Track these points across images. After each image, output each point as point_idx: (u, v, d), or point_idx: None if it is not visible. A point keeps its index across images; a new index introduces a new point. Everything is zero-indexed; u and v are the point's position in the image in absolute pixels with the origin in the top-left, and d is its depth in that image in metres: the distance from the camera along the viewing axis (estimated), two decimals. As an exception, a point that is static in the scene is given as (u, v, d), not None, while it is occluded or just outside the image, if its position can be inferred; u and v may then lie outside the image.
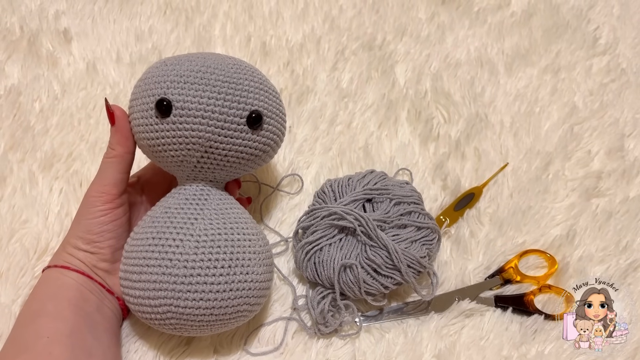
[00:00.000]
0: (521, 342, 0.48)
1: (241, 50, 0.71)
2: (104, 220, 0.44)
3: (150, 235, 0.43)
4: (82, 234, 0.44)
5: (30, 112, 0.62)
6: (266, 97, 0.46)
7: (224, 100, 0.42)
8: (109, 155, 0.46)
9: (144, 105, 0.43)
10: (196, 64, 0.43)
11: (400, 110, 0.67)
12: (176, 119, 0.42)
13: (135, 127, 0.45)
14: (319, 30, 0.74)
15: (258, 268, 0.44)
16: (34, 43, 0.68)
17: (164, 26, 0.73)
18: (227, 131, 0.43)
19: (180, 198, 0.45)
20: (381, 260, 0.47)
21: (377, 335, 0.49)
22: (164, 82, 0.43)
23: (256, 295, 0.44)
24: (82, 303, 0.42)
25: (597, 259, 0.54)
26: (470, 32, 0.76)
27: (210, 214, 0.44)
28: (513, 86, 0.70)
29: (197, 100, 0.42)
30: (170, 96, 0.42)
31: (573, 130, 0.65)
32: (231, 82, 0.43)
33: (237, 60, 0.46)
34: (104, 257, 0.45)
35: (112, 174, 0.45)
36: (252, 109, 0.44)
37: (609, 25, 0.78)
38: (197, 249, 0.41)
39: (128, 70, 0.68)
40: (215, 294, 0.41)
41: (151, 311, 0.42)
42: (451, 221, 0.57)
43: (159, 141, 0.43)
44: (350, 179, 0.55)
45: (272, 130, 0.46)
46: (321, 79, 0.70)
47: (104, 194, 0.44)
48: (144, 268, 0.42)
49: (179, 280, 0.41)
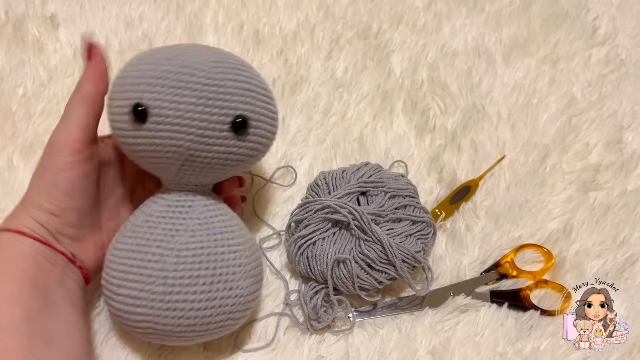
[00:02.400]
0: (517, 338, 0.48)
1: (233, 39, 0.70)
2: (71, 175, 0.39)
3: (130, 247, 0.40)
4: (46, 190, 0.39)
5: (12, 97, 0.61)
6: (253, 97, 0.42)
7: (205, 106, 0.39)
8: (79, 92, 0.40)
9: (119, 108, 0.40)
10: (174, 64, 0.39)
11: (396, 101, 0.66)
12: (153, 127, 0.38)
13: (113, 130, 0.42)
14: (314, 18, 0.72)
15: (242, 282, 0.42)
16: (20, 28, 0.66)
17: (155, 13, 0.71)
18: (209, 139, 0.39)
19: (162, 205, 0.42)
20: (375, 255, 0.46)
21: (371, 330, 0.48)
22: (139, 84, 0.39)
23: (240, 309, 0.42)
24: (40, 277, 0.37)
25: (594, 253, 0.53)
26: (467, 21, 0.74)
27: (192, 225, 0.41)
28: (511, 77, 0.68)
29: (174, 106, 0.38)
30: (147, 101, 0.38)
31: (571, 122, 0.64)
32: (212, 84, 0.39)
33: (221, 55, 0.42)
34: (70, 221, 0.40)
35: (80, 116, 0.40)
36: (236, 114, 0.40)
37: (609, 15, 0.76)
38: (177, 265, 0.39)
39: (117, 58, 0.66)
40: (196, 311, 0.39)
41: (132, 325, 0.40)
42: (447, 215, 0.56)
43: (136, 147, 0.40)
44: (344, 172, 0.53)
45: (260, 134, 0.43)
46: (315, 68, 0.68)
47: (71, 141, 0.39)
48: (123, 282, 0.40)
49: (158, 298, 0.39)
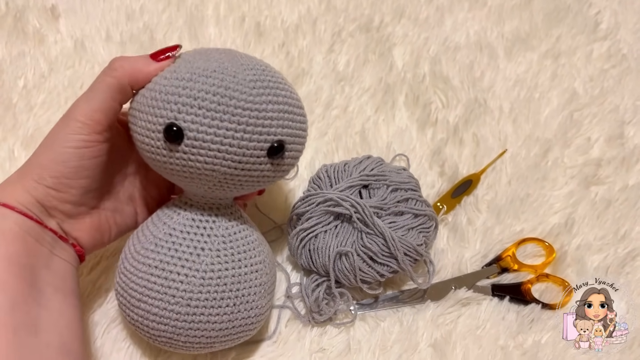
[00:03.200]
0: (518, 332, 0.48)
1: (235, 31, 0.69)
2: (84, 154, 0.37)
3: (153, 263, 0.40)
4: (53, 165, 0.37)
5: (13, 89, 0.60)
6: (290, 119, 0.40)
7: (244, 132, 0.37)
8: (115, 76, 0.38)
9: (149, 124, 0.37)
10: (212, 83, 0.36)
11: (398, 94, 0.66)
12: (188, 149, 0.37)
13: (137, 142, 0.39)
14: (315, 10, 0.72)
15: (261, 300, 0.43)
16: (20, 19, 0.66)
17: (156, 5, 0.71)
18: (245, 164, 0.38)
19: (186, 218, 0.41)
20: (377, 248, 0.46)
21: (372, 323, 0.48)
22: (174, 103, 0.36)
23: (257, 323, 0.43)
24: (25, 260, 0.34)
25: (596, 247, 0.53)
26: (469, 14, 0.74)
27: (217, 244, 0.41)
28: (513, 71, 0.68)
29: (212, 130, 0.36)
30: (182, 123, 0.36)
31: (573, 117, 0.64)
32: (253, 108, 0.37)
33: (259, 71, 0.39)
34: (70, 199, 0.38)
35: (109, 100, 0.38)
36: (274, 139, 0.38)
37: (610, 10, 0.76)
38: (202, 287, 0.39)
39: (118, 50, 0.65)
40: (217, 331, 0.40)
41: (150, 336, 0.41)
42: (448, 208, 0.56)
43: (167, 166, 0.38)
44: (346, 165, 0.53)
45: (293, 155, 0.41)
46: (317, 61, 0.68)
47: (92, 122, 0.37)
48: (144, 297, 0.39)
49: (181, 318, 0.39)
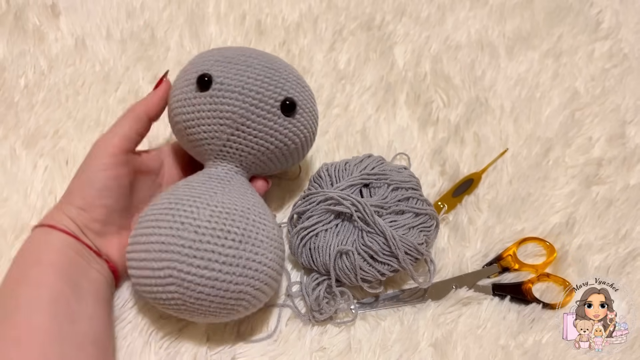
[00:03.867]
0: (518, 331, 0.48)
1: (236, 29, 0.69)
2: (106, 175, 0.43)
3: (167, 201, 0.43)
4: (80, 188, 0.43)
5: (15, 88, 0.60)
6: (303, 91, 0.47)
7: (262, 82, 0.44)
8: (132, 110, 0.46)
9: (185, 80, 0.46)
10: (242, 51, 0.47)
11: (399, 93, 0.66)
12: (214, 93, 0.44)
13: (173, 104, 0.47)
14: (316, 9, 0.72)
15: (268, 253, 0.42)
16: (20, 17, 0.66)
17: (156, 3, 0.70)
18: (261, 111, 0.44)
19: (204, 176, 0.46)
20: (378, 247, 0.46)
21: (373, 322, 0.48)
22: (208, 60, 0.46)
23: (262, 280, 0.42)
24: (67, 267, 0.40)
25: (596, 247, 0.53)
26: (471, 13, 0.74)
27: (230, 191, 0.44)
28: (514, 70, 0.68)
29: (237, 77, 0.44)
30: (213, 72, 0.45)
31: (574, 116, 0.64)
32: (272, 68, 0.46)
33: (280, 58, 0.49)
34: (97, 217, 0.43)
35: (126, 129, 0.45)
36: (287, 95, 0.45)
37: (612, 9, 0.76)
38: (211, 217, 0.41)
39: (119, 47, 0.65)
40: (221, 265, 0.40)
41: (152, 275, 0.40)
42: (449, 207, 0.56)
43: (195, 115, 0.45)
44: (347, 163, 0.53)
45: (304, 123, 0.47)
46: (318, 59, 0.68)
47: (112, 146, 0.44)
48: (154, 229, 0.41)
49: (187, 244, 0.39)
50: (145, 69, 0.64)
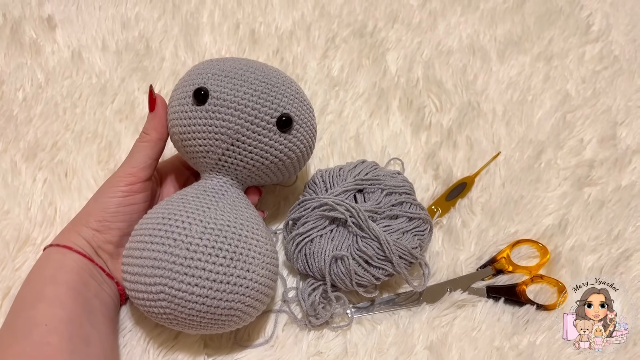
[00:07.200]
0: (513, 333, 0.48)
1: (229, 38, 0.70)
2: (122, 202, 0.45)
3: (161, 215, 0.43)
4: (97, 211, 0.45)
5: (14, 101, 0.61)
6: (300, 106, 0.47)
7: (259, 98, 0.44)
8: (143, 139, 0.47)
9: (183, 93, 0.46)
10: (239, 64, 0.46)
11: (392, 98, 0.66)
12: (210, 107, 0.44)
13: (171, 115, 0.47)
14: (309, 16, 0.73)
15: (260, 270, 0.43)
16: (17, 31, 0.67)
17: (151, 13, 0.71)
18: (256, 127, 0.44)
19: (198, 188, 0.46)
20: (372, 252, 0.47)
21: (369, 326, 0.49)
22: (205, 74, 0.46)
23: (253, 297, 0.42)
24: (81, 288, 0.41)
25: (589, 248, 0.54)
26: (462, 18, 0.75)
27: (223, 207, 0.44)
28: (505, 74, 0.69)
29: (233, 93, 0.44)
30: (209, 86, 0.44)
31: (565, 119, 0.64)
32: (269, 83, 0.45)
33: (279, 70, 0.48)
34: (111, 239, 0.45)
35: (142, 157, 0.46)
36: (283, 112, 0.45)
37: (602, 12, 0.77)
38: (203, 234, 0.41)
39: (114, 59, 0.66)
40: (212, 282, 0.40)
41: (145, 289, 0.41)
42: (443, 211, 0.56)
43: (191, 128, 0.45)
44: (341, 169, 0.54)
45: (300, 139, 0.47)
46: (311, 67, 0.68)
47: (130, 176, 0.45)
48: (147, 245, 0.41)
49: (178, 261, 0.40)
50: (140, 79, 0.64)
